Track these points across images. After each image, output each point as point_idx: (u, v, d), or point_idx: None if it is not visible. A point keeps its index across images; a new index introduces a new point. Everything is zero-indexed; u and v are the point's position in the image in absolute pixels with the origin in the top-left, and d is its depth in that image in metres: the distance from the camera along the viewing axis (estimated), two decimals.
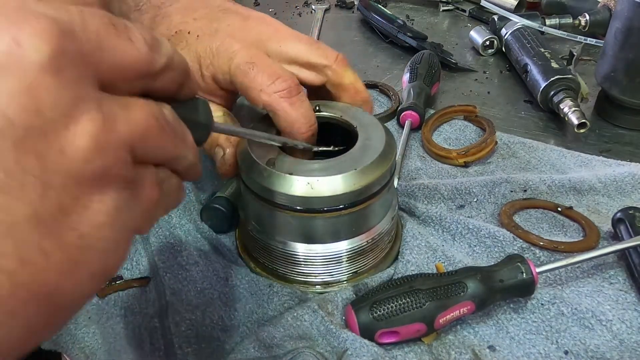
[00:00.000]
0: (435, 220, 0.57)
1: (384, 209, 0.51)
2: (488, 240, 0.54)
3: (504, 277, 0.46)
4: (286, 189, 0.45)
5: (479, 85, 0.87)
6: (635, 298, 0.49)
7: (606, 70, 0.74)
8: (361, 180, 0.45)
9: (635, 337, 0.45)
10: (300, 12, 1.15)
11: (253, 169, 0.46)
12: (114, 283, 0.51)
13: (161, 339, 0.46)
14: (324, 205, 0.45)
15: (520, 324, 0.47)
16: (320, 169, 0.46)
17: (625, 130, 0.75)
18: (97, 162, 0.22)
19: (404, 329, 0.44)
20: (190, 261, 0.52)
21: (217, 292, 0.50)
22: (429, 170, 0.66)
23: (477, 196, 0.61)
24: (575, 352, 0.44)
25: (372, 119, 0.52)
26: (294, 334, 0.45)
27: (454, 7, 1.13)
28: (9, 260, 0.21)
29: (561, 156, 0.68)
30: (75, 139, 0.22)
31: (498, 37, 0.94)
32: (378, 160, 0.47)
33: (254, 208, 0.50)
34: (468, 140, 0.71)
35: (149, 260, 0.53)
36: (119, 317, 0.49)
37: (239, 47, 0.47)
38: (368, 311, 0.44)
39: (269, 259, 0.51)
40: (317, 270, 0.50)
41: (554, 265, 0.48)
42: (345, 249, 0.49)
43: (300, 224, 0.47)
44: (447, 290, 0.45)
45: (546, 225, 0.57)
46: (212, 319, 0.47)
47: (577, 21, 0.95)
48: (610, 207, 0.59)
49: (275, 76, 0.46)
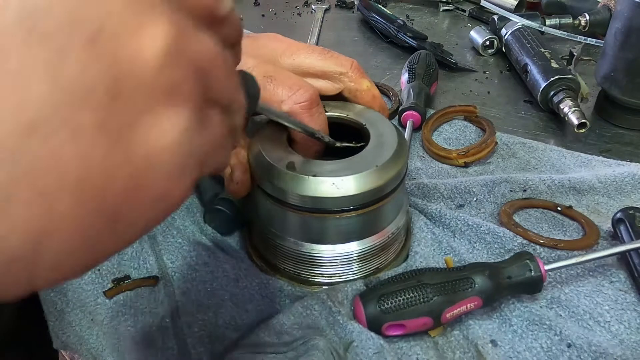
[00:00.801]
0: (435, 217, 0.57)
1: (402, 202, 0.52)
2: (488, 236, 0.54)
3: (512, 273, 0.46)
4: (311, 191, 0.45)
5: (479, 85, 0.87)
6: (635, 298, 0.49)
7: (606, 70, 0.74)
8: (384, 176, 0.46)
9: (635, 337, 0.45)
10: (300, 12, 1.15)
11: (271, 173, 0.46)
12: (122, 283, 0.51)
13: (173, 338, 0.46)
14: (350, 204, 0.46)
15: (523, 314, 0.47)
16: (343, 168, 0.46)
17: (625, 130, 0.75)
18: (169, 73, 0.21)
19: (411, 323, 0.44)
20: (200, 261, 0.52)
21: (228, 293, 0.50)
22: (428, 170, 0.66)
23: (477, 195, 0.61)
24: (578, 346, 0.44)
25: (379, 116, 0.53)
26: (303, 323, 0.46)
27: (454, 7, 1.13)
28: (73, 167, 0.19)
29: (561, 156, 0.68)
30: (148, 45, 0.20)
31: (498, 37, 0.94)
32: (395, 155, 0.47)
33: (271, 212, 0.49)
34: (468, 140, 0.71)
35: (156, 260, 0.53)
36: (126, 317, 0.48)
37: (254, 63, 0.47)
38: (376, 304, 0.44)
39: (287, 262, 0.51)
40: (341, 270, 0.50)
41: (563, 264, 0.48)
42: (372, 244, 0.49)
43: (324, 226, 0.47)
44: (455, 285, 0.45)
45: (546, 224, 0.57)
46: (224, 320, 0.47)
47: (577, 21, 0.95)
48: (610, 207, 0.59)
49: (296, 87, 0.47)
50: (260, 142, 0.49)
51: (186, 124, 0.23)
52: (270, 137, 0.50)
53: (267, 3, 1.20)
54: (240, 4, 1.20)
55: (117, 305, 0.49)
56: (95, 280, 0.52)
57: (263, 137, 0.50)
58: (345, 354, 0.43)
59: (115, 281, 0.51)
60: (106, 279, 0.52)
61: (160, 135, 0.22)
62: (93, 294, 0.51)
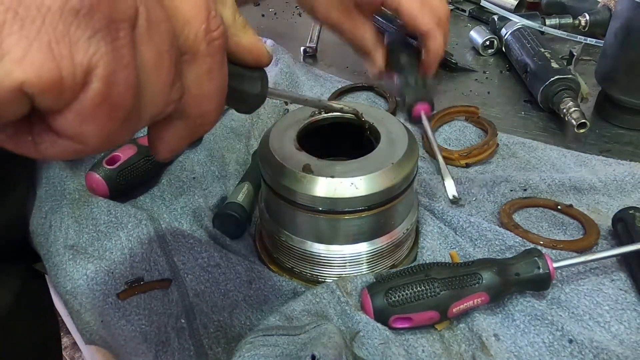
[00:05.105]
0: (437, 214, 0.57)
1: (413, 201, 0.53)
2: (489, 233, 0.54)
3: (520, 270, 0.47)
4: (330, 192, 0.45)
5: (479, 85, 0.87)
6: (635, 298, 0.49)
7: (606, 70, 0.74)
8: (400, 173, 0.47)
9: (635, 337, 0.46)
10: (300, 12, 1.15)
11: (286, 176, 0.46)
12: (135, 284, 0.51)
13: (189, 339, 0.47)
14: (369, 203, 0.46)
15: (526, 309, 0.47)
16: (359, 168, 0.46)
17: (625, 130, 0.75)
18: None
19: (418, 316, 0.45)
20: (212, 263, 0.52)
21: (241, 294, 0.50)
22: (429, 170, 0.67)
23: (477, 195, 0.61)
24: (579, 341, 0.44)
25: (385, 114, 0.53)
26: (312, 310, 0.47)
27: (454, 7, 1.13)
28: None
29: (561, 156, 0.68)
30: None
31: (498, 37, 0.94)
32: (408, 151, 0.48)
33: (287, 215, 0.49)
34: (468, 140, 0.71)
35: (167, 261, 0.53)
36: (140, 317, 0.49)
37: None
38: (383, 296, 0.45)
39: (300, 263, 0.51)
40: (357, 269, 0.50)
41: (571, 262, 0.48)
42: (385, 242, 0.50)
43: (340, 226, 0.48)
44: (463, 280, 0.45)
45: (546, 224, 0.57)
46: (239, 320, 0.48)
47: (577, 21, 0.95)
48: (610, 207, 0.59)
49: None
50: (269, 142, 0.49)
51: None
52: (278, 136, 0.50)
53: (267, 3, 1.20)
54: (239, 4, 1.20)
55: (131, 306, 0.50)
56: (107, 282, 0.52)
57: (272, 135, 0.50)
58: (352, 343, 0.44)
59: (129, 283, 0.51)
60: (119, 281, 0.52)
61: None
62: (103, 294, 0.51)
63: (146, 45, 0.25)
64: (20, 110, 0.23)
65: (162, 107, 0.28)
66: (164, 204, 0.61)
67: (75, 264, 0.53)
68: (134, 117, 0.26)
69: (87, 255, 0.54)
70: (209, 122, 0.32)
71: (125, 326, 0.48)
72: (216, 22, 0.29)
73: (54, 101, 0.23)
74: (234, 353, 0.41)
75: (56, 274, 0.54)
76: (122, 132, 0.26)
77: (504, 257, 0.50)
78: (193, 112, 0.30)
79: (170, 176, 0.65)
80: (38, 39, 0.22)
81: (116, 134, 0.25)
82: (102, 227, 0.57)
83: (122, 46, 0.24)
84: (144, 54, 0.25)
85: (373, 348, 0.43)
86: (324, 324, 0.43)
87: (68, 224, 0.58)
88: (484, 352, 0.44)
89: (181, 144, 0.32)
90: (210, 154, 0.68)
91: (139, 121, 0.27)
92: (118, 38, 0.24)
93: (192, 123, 0.31)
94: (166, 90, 0.27)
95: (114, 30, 0.23)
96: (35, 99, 0.23)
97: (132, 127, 0.27)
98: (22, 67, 0.22)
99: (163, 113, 0.28)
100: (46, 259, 0.57)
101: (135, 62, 0.25)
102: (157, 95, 0.27)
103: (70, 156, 0.26)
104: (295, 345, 0.41)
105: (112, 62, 0.23)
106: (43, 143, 0.25)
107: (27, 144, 0.26)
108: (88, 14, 0.22)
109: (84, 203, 0.60)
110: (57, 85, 0.22)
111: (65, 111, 0.24)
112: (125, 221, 0.57)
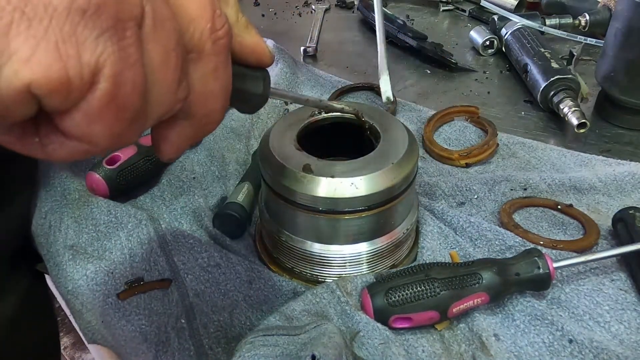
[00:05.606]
0: (437, 214, 0.57)
1: (413, 200, 0.53)
2: (489, 233, 0.54)
3: (521, 270, 0.47)
4: (330, 192, 0.45)
5: (479, 85, 0.87)
6: (635, 298, 0.49)
7: (606, 70, 0.74)
8: (400, 173, 0.47)
9: (635, 337, 0.46)
10: (300, 12, 1.15)
11: (286, 176, 0.46)
12: (135, 284, 0.51)
13: (189, 339, 0.47)
14: (369, 203, 0.46)
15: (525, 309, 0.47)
16: (359, 168, 0.46)
17: (625, 130, 0.75)
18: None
19: (418, 316, 0.45)
20: (212, 263, 0.52)
21: (241, 294, 0.50)
22: (429, 170, 0.67)
23: (477, 194, 0.61)
24: (579, 342, 0.44)
25: (385, 114, 0.53)
26: (312, 310, 0.47)
27: (454, 7, 1.13)
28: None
29: (561, 156, 0.68)
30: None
31: (498, 37, 0.94)
32: (408, 151, 0.48)
33: (287, 215, 0.49)
34: (468, 141, 0.71)
35: (167, 261, 0.53)
36: (140, 317, 0.49)
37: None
38: (383, 296, 0.45)
39: (300, 263, 0.51)
40: (357, 269, 0.50)
41: (571, 262, 0.49)
42: (385, 242, 0.50)
43: (340, 226, 0.48)
44: (463, 280, 0.45)
45: (546, 223, 0.57)
46: (240, 320, 0.48)
47: (577, 21, 0.95)
48: (611, 207, 0.59)
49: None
50: (270, 142, 0.49)
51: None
52: (278, 136, 0.50)
53: (267, 3, 1.20)
54: (240, 4, 1.20)
55: (131, 307, 0.50)
56: (107, 282, 0.52)
57: (272, 135, 0.50)
58: (352, 343, 0.44)
59: (129, 283, 0.51)
60: (119, 281, 0.52)
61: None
62: (103, 294, 0.51)
63: (153, 44, 0.25)
64: (27, 111, 0.23)
65: (169, 106, 0.28)
66: (164, 204, 0.61)
67: (75, 264, 0.53)
68: (141, 116, 0.26)
69: (87, 255, 0.54)
70: (214, 121, 0.32)
71: (125, 326, 0.48)
72: (221, 21, 0.29)
73: (62, 101, 0.23)
74: (234, 353, 0.41)
75: (57, 274, 0.54)
76: (130, 132, 0.26)
77: (504, 257, 0.50)
78: (198, 111, 0.30)
79: (170, 176, 0.65)
80: (45, 39, 0.22)
81: (124, 133, 0.25)
82: (102, 227, 0.57)
83: (129, 45, 0.24)
84: (150, 53, 0.25)
85: (373, 348, 0.43)
86: (324, 324, 0.43)
87: (68, 224, 0.58)
88: (484, 352, 0.44)
89: (186, 143, 0.31)
90: (210, 154, 0.68)
91: (146, 121, 0.27)
92: (125, 37, 0.24)
93: (198, 122, 0.31)
94: (173, 88, 0.27)
95: (120, 29, 0.23)
96: (42, 99, 0.23)
97: (140, 127, 0.26)
98: (30, 67, 0.21)
99: (170, 112, 0.28)
100: (47, 259, 0.57)
101: (142, 61, 0.25)
102: (164, 94, 0.27)
103: (78, 157, 0.26)
104: (296, 345, 0.41)
105: (119, 62, 0.23)
106: (51, 144, 0.25)
107: (34, 146, 0.26)
108: (95, 13, 0.22)
109: (84, 203, 0.60)
110: (65, 86, 0.22)
111: (72, 111, 0.24)
112: (125, 221, 0.57)
